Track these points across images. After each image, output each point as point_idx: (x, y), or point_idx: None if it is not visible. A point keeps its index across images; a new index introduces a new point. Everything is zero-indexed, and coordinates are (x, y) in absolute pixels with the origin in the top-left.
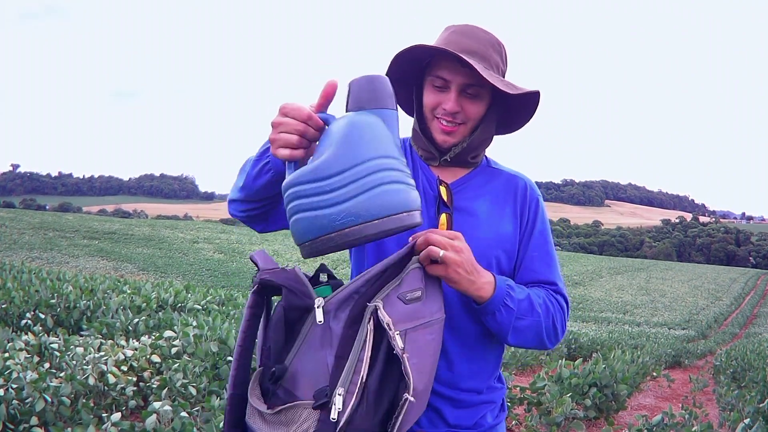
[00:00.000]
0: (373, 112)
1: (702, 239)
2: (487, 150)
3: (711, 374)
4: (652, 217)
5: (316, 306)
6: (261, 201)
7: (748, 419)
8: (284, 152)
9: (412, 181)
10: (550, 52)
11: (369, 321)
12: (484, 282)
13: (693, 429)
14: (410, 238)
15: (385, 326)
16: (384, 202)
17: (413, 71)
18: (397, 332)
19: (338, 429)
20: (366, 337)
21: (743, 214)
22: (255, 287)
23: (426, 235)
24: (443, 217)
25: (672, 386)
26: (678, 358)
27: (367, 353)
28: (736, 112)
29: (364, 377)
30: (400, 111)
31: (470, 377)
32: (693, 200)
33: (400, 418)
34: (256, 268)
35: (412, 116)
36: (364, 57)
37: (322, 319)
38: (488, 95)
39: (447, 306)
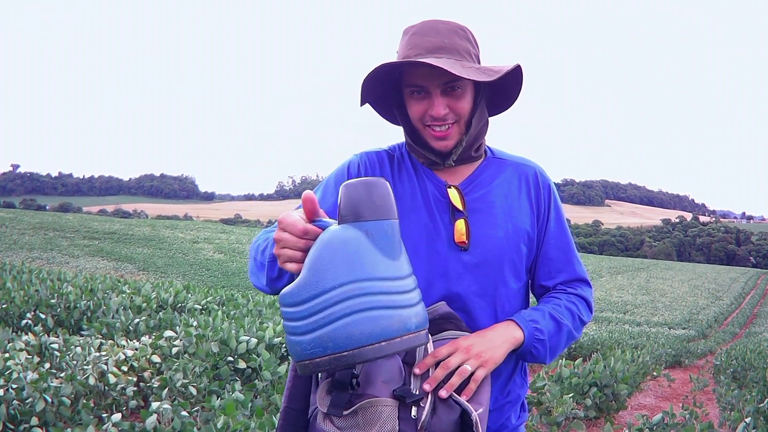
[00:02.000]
0: (359, 225)
1: (702, 239)
2: (490, 141)
3: (711, 374)
4: (653, 217)
5: None
6: None
7: (749, 419)
8: (291, 266)
9: (404, 299)
10: (550, 52)
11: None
12: (508, 338)
13: (693, 429)
14: (425, 386)
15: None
16: (352, 333)
17: (390, 84)
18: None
19: (419, 427)
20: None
21: (743, 213)
22: None
23: (438, 372)
24: (460, 223)
25: (672, 386)
26: (678, 358)
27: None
28: (736, 112)
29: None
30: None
31: (496, 374)
32: (693, 200)
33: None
34: None
35: (399, 125)
36: (364, 56)
37: None
38: (471, 85)
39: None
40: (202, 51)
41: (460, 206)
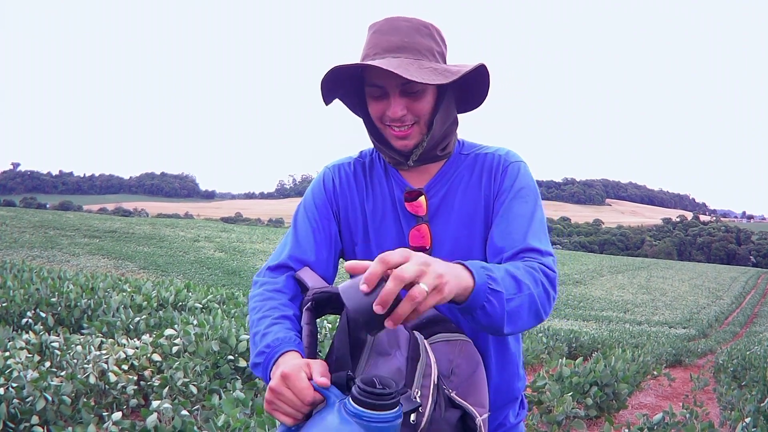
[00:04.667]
0: (365, 425)
1: (703, 238)
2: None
3: (712, 373)
4: (653, 216)
5: None
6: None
7: (749, 418)
8: (286, 419)
9: None
10: (550, 52)
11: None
12: (461, 279)
13: (694, 428)
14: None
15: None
16: None
17: (356, 80)
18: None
19: (419, 431)
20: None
21: (744, 213)
22: (310, 303)
23: (390, 285)
24: (420, 229)
25: (673, 385)
26: (679, 357)
27: (433, 357)
28: (737, 112)
29: (435, 380)
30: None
31: (492, 370)
32: (694, 199)
33: None
34: (304, 287)
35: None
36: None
37: None
38: (432, 86)
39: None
40: (203, 50)
41: (422, 211)
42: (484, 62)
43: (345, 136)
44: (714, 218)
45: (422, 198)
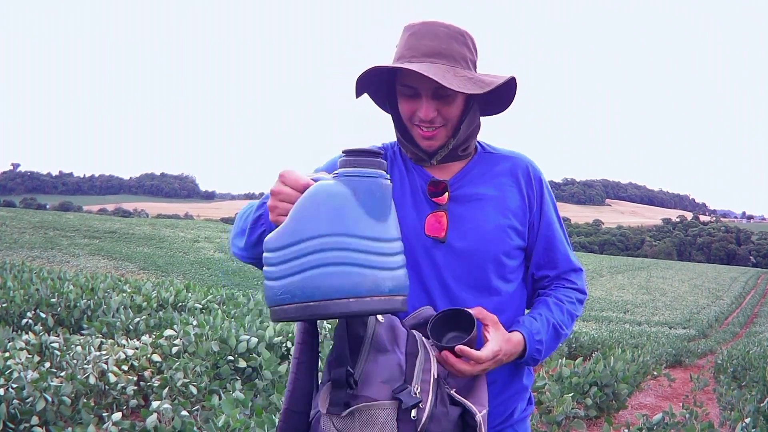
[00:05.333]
0: (348, 181)
1: (702, 238)
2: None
3: (711, 373)
4: (653, 216)
5: None
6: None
7: (749, 418)
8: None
9: (382, 261)
10: (550, 52)
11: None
12: (511, 350)
13: (693, 428)
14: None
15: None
16: (321, 285)
17: (386, 78)
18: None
19: (419, 428)
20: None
21: (744, 213)
22: None
23: (465, 368)
24: (437, 216)
25: (672, 385)
26: (678, 357)
27: (432, 351)
28: (737, 112)
29: (435, 375)
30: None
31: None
32: (694, 199)
33: None
34: None
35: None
36: (364, 56)
37: (383, 319)
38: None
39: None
40: (203, 50)
41: (443, 201)
42: (514, 75)
43: (345, 136)
44: (714, 218)
45: (445, 190)
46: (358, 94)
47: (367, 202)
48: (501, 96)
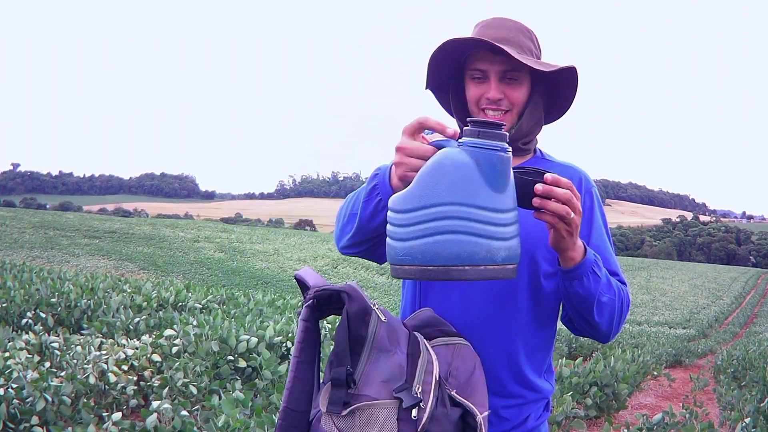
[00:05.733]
0: (473, 151)
1: (702, 238)
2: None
3: (711, 373)
4: (653, 216)
5: (375, 307)
6: (378, 237)
7: (749, 419)
8: (412, 176)
9: (497, 231)
10: (550, 52)
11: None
12: (579, 244)
13: (693, 428)
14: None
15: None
16: (440, 251)
17: (450, 72)
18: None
19: (420, 428)
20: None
21: (744, 213)
22: (310, 301)
23: (554, 189)
24: None
25: (672, 385)
26: (678, 358)
27: (433, 353)
28: (737, 112)
29: (437, 376)
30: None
31: (526, 360)
32: (694, 199)
33: None
34: (305, 286)
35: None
36: (364, 56)
37: (385, 318)
38: (528, 79)
39: (508, 283)
40: (203, 50)
41: None
42: (574, 65)
43: (345, 137)
44: (714, 218)
45: None
46: (429, 82)
47: (488, 173)
48: (562, 94)
